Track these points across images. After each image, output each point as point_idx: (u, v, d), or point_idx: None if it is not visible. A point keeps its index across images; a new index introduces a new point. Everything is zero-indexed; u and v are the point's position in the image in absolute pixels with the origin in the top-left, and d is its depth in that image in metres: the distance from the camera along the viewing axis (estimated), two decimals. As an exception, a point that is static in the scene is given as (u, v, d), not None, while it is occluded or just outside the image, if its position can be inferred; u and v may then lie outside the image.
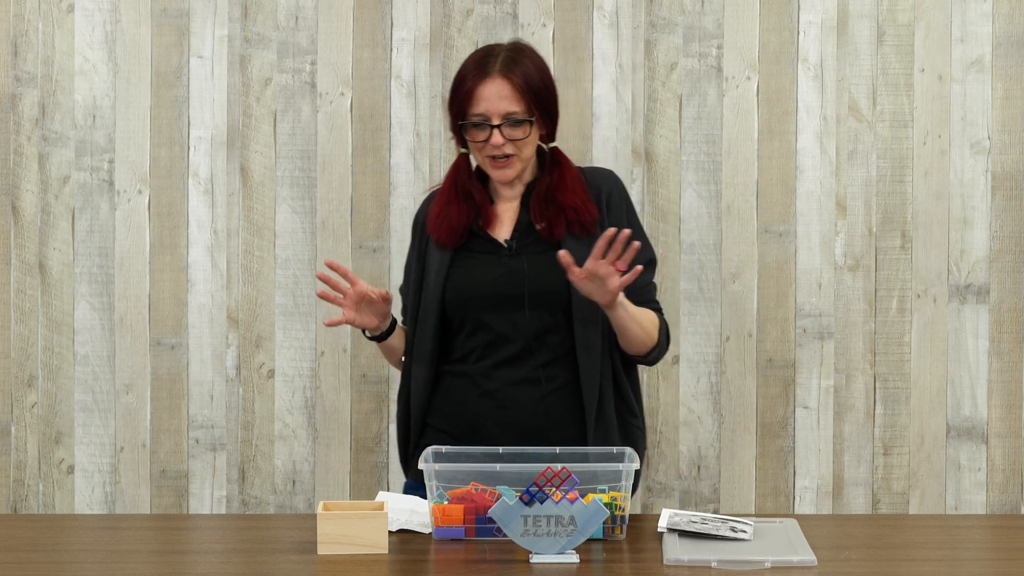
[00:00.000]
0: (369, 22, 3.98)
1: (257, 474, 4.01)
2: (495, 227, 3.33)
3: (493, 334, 3.27)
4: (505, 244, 3.30)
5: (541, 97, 3.29)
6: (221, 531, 3.11)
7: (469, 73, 3.28)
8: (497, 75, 3.25)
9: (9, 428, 4.02)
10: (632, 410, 3.33)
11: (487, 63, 3.27)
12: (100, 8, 3.98)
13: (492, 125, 3.24)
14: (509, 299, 3.26)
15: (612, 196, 3.33)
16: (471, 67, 3.28)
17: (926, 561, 2.78)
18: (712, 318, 3.97)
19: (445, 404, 3.31)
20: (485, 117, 3.25)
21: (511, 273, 3.27)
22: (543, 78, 3.31)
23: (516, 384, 3.26)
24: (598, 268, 3.11)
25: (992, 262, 3.96)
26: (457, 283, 3.29)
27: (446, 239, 3.31)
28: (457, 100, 3.28)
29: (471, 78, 3.27)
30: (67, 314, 4.00)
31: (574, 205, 3.28)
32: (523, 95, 3.25)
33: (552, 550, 2.69)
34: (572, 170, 3.34)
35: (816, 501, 3.98)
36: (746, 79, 3.96)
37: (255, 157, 3.99)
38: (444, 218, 3.32)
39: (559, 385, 3.26)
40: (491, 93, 3.24)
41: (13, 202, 4.00)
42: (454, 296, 3.29)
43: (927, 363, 3.97)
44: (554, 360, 3.27)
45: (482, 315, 3.28)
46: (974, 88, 3.94)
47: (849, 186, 3.96)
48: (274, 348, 3.99)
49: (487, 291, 3.27)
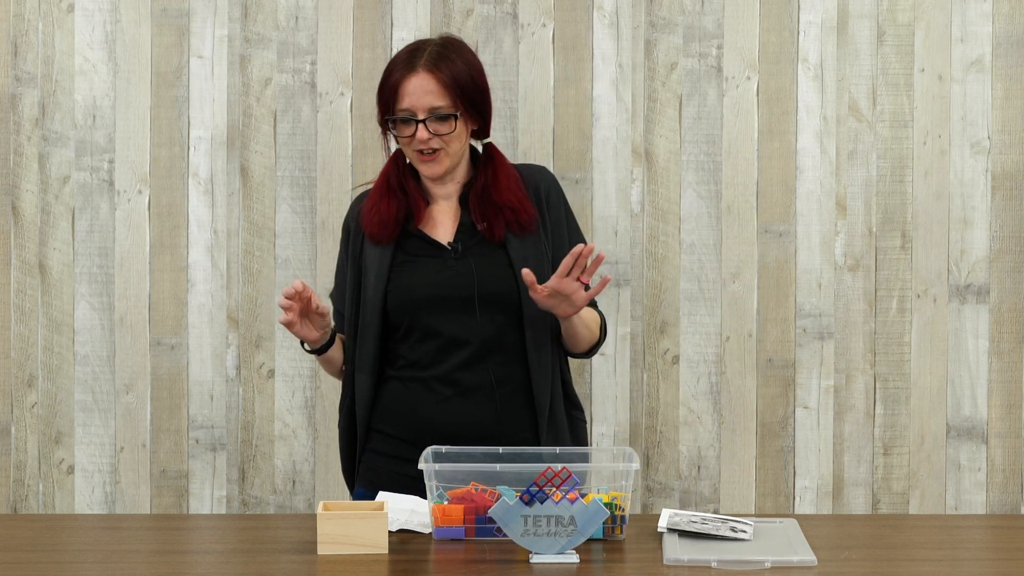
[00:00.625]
0: (369, 22, 3.98)
1: (257, 474, 4.01)
2: (434, 229, 3.30)
3: (443, 338, 3.24)
4: (449, 246, 3.26)
5: (468, 91, 3.25)
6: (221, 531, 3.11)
7: (395, 68, 3.25)
8: (422, 70, 3.22)
9: (9, 428, 4.02)
10: (576, 404, 3.35)
11: (413, 58, 3.24)
12: (100, 8, 3.98)
13: (417, 120, 3.21)
14: (458, 302, 3.23)
15: (550, 194, 3.31)
16: (398, 63, 3.26)
17: (926, 561, 2.78)
18: (712, 318, 3.97)
19: (394, 409, 3.27)
20: (411, 112, 3.22)
21: (459, 276, 3.23)
22: (471, 73, 3.27)
23: (469, 387, 3.23)
24: (564, 286, 3.10)
25: (992, 262, 3.96)
26: (401, 287, 3.25)
27: (378, 232, 3.26)
28: (384, 96, 3.25)
29: (396, 73, 3.24)
30: (67, 314, 4.00)
31: (511, 204, 3.25)
32: (448, 89, 3.22)
33: (552, 550, 2.69)
34: (506, 167, 3.31)
35: (816, 501, 3.98)
36: (746, 79, 3.96)
37: (255, 157, 3.99)
38: (375, 212, 3.28)
39: (511, 386, 3.25)
40: (416, 88, 3.21)
41: (13, 202, 4.00)
42: (398, 301, 3.25)
43: (927, 363, 3.97)
44: (506, 361, 3.25)
45: (430, 319, 3.24)
46: (974, 88, 3.94)
47: (849, 186, 3.96)
48: (274, 348, 3.99)
49: (434, 295, 3.23)
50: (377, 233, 3.27)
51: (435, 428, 3.20)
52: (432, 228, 3.29)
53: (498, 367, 3.24)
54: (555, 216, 3.30)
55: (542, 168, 3.38)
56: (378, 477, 3.25)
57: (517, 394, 3.25)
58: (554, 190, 3.33)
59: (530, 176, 3.33)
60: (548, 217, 3.29)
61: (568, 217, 3.34)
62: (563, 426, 3.27)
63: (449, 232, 3.28)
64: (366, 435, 3.30)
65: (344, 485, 4.03)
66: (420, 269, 3.25)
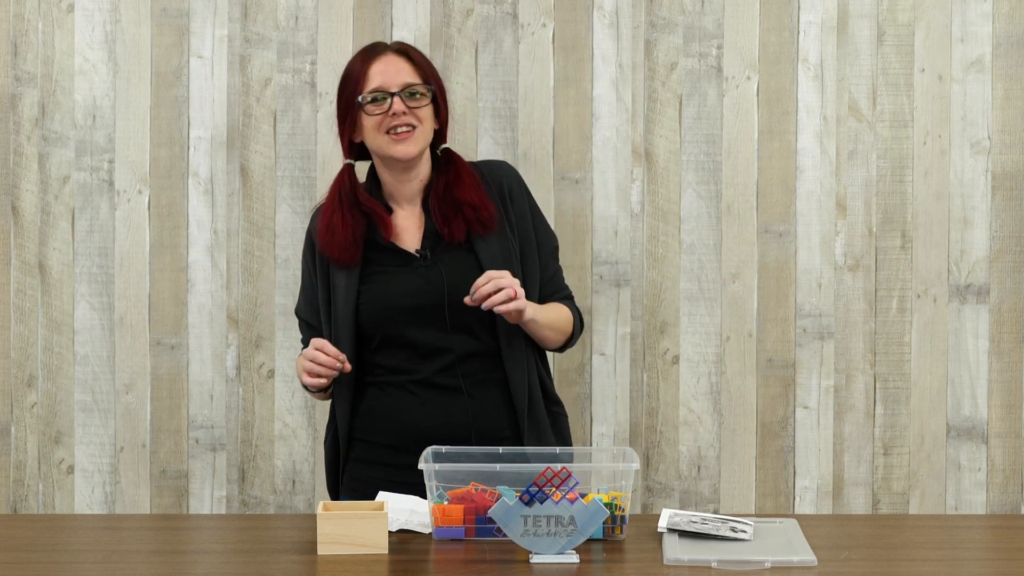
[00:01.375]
0: (369, 22, 3.98)
1: (257, 474, 4.01)
2: (401, 237, 3.27)
3: (418, 346, 3.22)
4: (418, 254, 3.24)
5: (435, 77, 3.28)
6: (221, 531, 3.11)
7: (358, 59, 3.26)
8: (390, 52, 3.25)
9: (9, 428, 4.02)
10: (555, 400, 3.35)
11: (374, 49, 3.27)
12: (100, 8, 3.98)
13: (391, 93, 3.20)
14: (431, 310, 3.21)
15: (512, 189, 3.31)
16: (359, 56, 3.27)
17: (926, 561, 2.78)
18: (712, 318, 3.97)
19: (375, 415, 3.27)
20: (383, 88, 3.21)
21: (429, 284, 3.21)
22: (431, 64, 3.31)
23: (447, 390, 3.22)
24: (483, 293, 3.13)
25: (992, 262, 3.96)
26: (373, 299, 3.23)
27: (339, 255, 3.24)
28: (349, 87, 3.24)
29: (361, 61, 3.25)
30: (67, 314, 4.00)
31: (471, 202, 3.24)
32: (419, 68, 3.24)
33: (552, 550, 2.69)
34: (466, 167, 3.30)
35: (816, 501, 3.98)
36: (746, 79, 3.96)
37: (255, 157, 3.99)
38: (331, 233, 3.25)
39: (489, 387, 3.24)
40: (387, 67, 3.22)
41: (13, 202, 4.00)
42: (371, 314, 3.23)
43: (927, 363, 3.97)
44: (483, 363, 3.24)
45: (404, 329, 3.22)
46: (974, 88, 3.94)
47: (849, 186, 3.96)
48: (274, 348, 3.99)
49: (406, 304, 3.22)
50: (340, 256, 3.24)
51: (417, 432, 3.19)
52: (398, 237, 3.27)
53: (475, 370, 3.23)
54: (519, 211, 3.30)
55: (502, 163, 3.38)
56: (363, 485, 3.25)
57: (496, 394, 3.25)
58: (516, 184, 3.32)
59: (491, 172, 3.32)
60: (512, 212, 3.29)
61: (533, 210, 3.33)
62: (544, 423, 3.28)
63: (416, 239, 3.26)
64: (348, 445, 3.30)
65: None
66: (390, 280, 3.24)
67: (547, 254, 3.37)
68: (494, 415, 3.24)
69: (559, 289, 3.38)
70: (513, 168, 3.38)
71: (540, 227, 3.36)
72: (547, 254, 3.37)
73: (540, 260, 3.34)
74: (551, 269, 3.36)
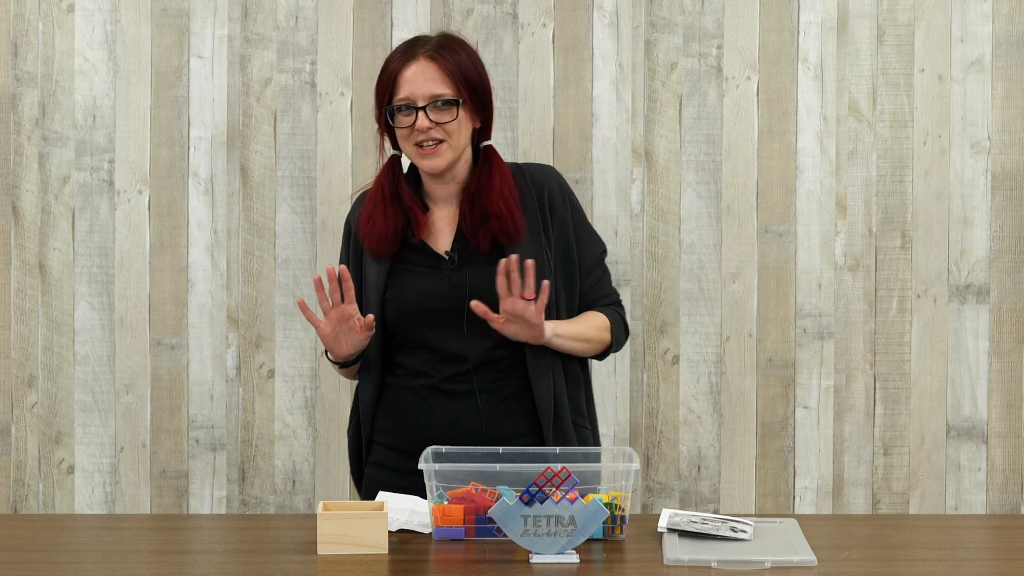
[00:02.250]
0: (369, 22, 3.98)
1: (257, 474, 4.01)
2: (433, 237, 3.18)
3: (438, 351, 3.15)
4: (446, 256, 3.16)
5: (471, 80, 3.13)
6: (221, 531, 3.11)
7: (393, 59, 3.13)
8: (422, 57, 3.10)
9: (9, 428, 4.02)
10: (581, 412, 3.24)
11: (413, 47, 3.13)
12: (100, 8, 3.98)
13: (417, 108, 3.09)
14: (452, 315, 3.13)
15: (553, 197, 3.19)
16: (397, 53, 3.14)
17: (926, 561, 2.78)
18: (712, 318, 3.97)
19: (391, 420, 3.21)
20: (410, 100, 3.09)
21: (454, 287, 3.13)
22: (475, 66, 3.15)
23: (463, 398, 3.15)
24: (512, 307, 3.02)
25: (992, 262, 3.96)
26: (397, 299, 3.16)
27: (376, 247, 3.16)
28: (381, 87, 3.13)
29: (394, 62, 3.12)
30: (67, 314, 4.00)
31: (498, 213, 3.12)
32: (450, 76, 3.10)
33: (552, 550, 2.69)
34: (503, 172, 3.17)
35: (816, 501, 3.98)
36: (746, 79, 3.96)
37: (255, 157, 3.99)
38: (372, 224, 3.17)
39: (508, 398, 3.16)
40: (415, 75, 3.09)
41: (13, 202, 4.00)
42: (395, 313, 3.16)
43: (927, 363, 3.97)
44: (502, 374, 3.16)
45: (424, 331, 3.15)
46: (974, 88, 3.94)
47: (849, 186, 3.97)
48: (274, 348, 3.99)
49: (428, 307, 3.14)
50: (376, 248, 3.17)
51: (428, 438, 3.13)
52: (430, 236, 3.19)
53: (494, 378, 3.16)
54: (559, 219, 3.19)
55: (548, 168, 3.26)
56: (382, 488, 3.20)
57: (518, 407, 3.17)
58: (559, 192, 3.20)
59: (533, 177, 3.21)
60: (552, 221, 3.18)
61: (576, 219, 3.22)
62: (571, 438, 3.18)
63: (447, 240, 3.18)
64: (368, 446, 3.26)
65: (344, 485, 4.03)
66: (416, 280, 3.16)
67: (590, 263, 3.24)
68: (510, 426, 3.17)
69: (604, 295, 3.26)
70: (558, 174, 3.24)
71: (583, 235, 3.23)
72: (590, 263, 3.24)
73: (582, 269, 3.22)
74: (595, 276, 3.24)
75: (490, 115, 3.20)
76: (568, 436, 3.18)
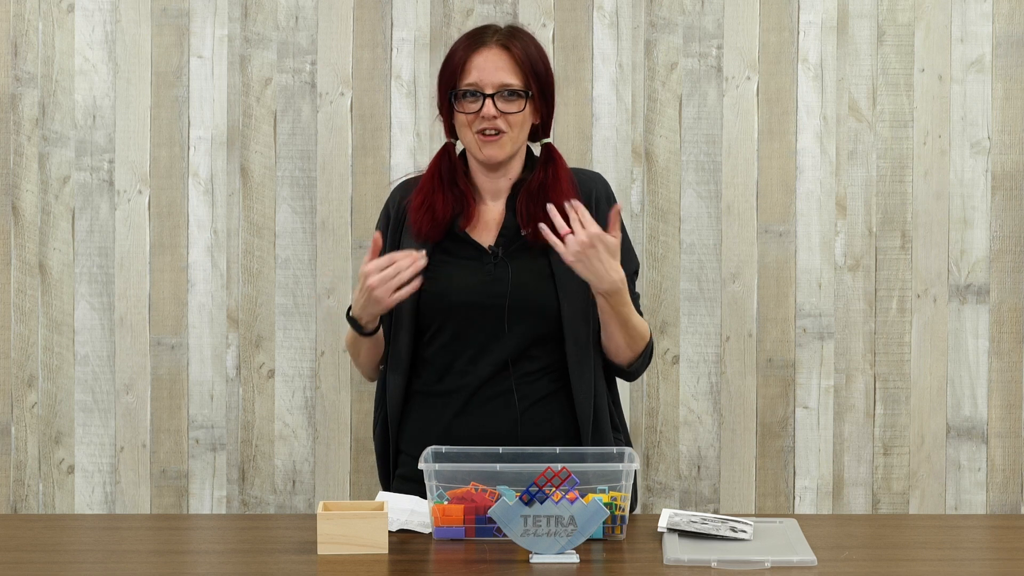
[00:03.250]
0: (369, 22, 3.98)
1: (257, 474, 4.01)
2: (477, 230, 3.12)
3: (471, 346, 3.09)
4: (490, 250, 3.10)
5: (540, 75, 3.08)
6: (221, 531, 3.11)
7: (462, 44, 3.08)
8: (494, 44, 3.06)
9: (9, 428, 4.02)
10: (617, 425, 3.19)
11: (483, 34, 3.08)
12: (100, 8, 3.98)
13: (485, 95, 3.04)
14: (491, 310, 3.06)
15: (600, 203, 3.13)
16: (465, 39, 3.09)
17: (926, 561, 2.78)
18: (712, 318, 3.97)
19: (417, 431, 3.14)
20: (478, 87, 3.04)
21: (496, 282, 3.07)
22: (543, 58, 3.10)
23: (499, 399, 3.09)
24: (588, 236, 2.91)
25: (992, 262, 3.96)
26: (436, 290, 3.07)
27: (428, 231, 3.08)
28: (448, 71, 3.07)
29: (464, 48, 3.07)
30: (67, 314, 4.00)
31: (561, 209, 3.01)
32: (520, 66, 3.05)
33: (552, 550, 2.69)
34: (567, 170, 3.14)
35: (816, 501, 3.98)
36: (746, 79, 3.96)
37: (255, 157, 3.99)
38: (428, 209, 3.10)
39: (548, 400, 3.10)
40: (486, 62, 3.04)
41: (13, 202, 4.00)
42: (431, 302, 3.08)
43: (927, 363, 3.97)
44: (541, 375, 3.10)
45: (460, 325, 3.08)
46: (974, 88, 3.94)
47: (849, 186, 3.97)
48: (274, 348, 3.99)
49: (467, 300, 3.07)
50: (428, 231, 3.08)
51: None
52: (475, 229, 3.13)
53: (529, 380, 3.10)
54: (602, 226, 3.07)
55: (596, 175, 3.21)
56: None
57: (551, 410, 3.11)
58: (605, 200, 3.14)
59: (582, 182, 3.15)
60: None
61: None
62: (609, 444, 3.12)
63: (492, 234, 3.12)
64: (396, 455, 3.20)
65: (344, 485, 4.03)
66: (457, 271, 3.09)
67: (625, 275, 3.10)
68: (547, 430, 3.10)
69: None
70: (606, 182, 3.21)
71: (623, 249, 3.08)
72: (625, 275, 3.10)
73: None
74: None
75: (551, 112, 3.15)
76: (606, 443, 3.12)
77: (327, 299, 3.95)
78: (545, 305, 3.08)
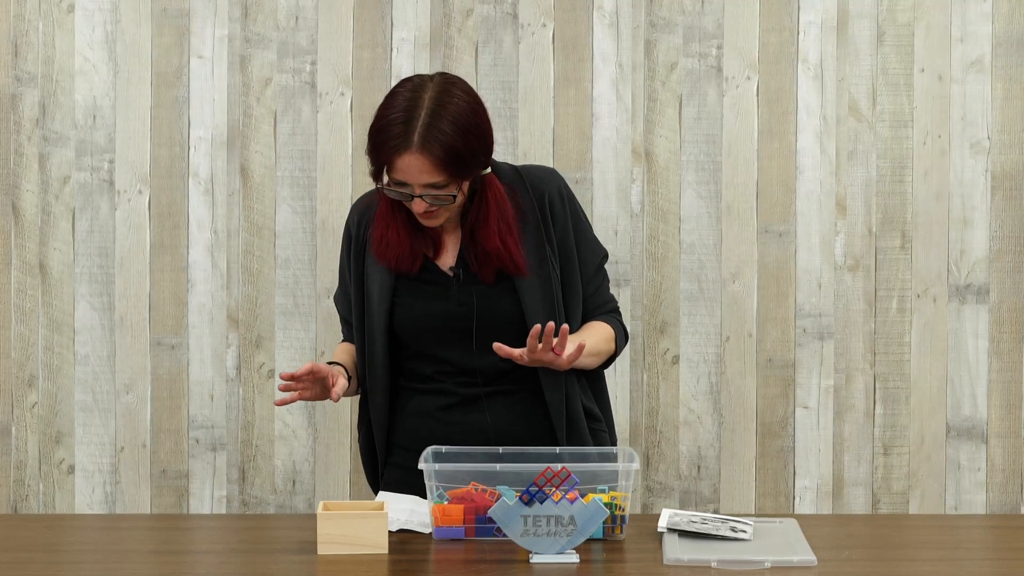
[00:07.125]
0: (369, 22, 3.98)
1: (257, 474, 4.01)
2: (440, 254, 3.18)
3: (447, 363, 3.17)
4: (451, 272, 3.15)
5: (464, 160, 3.02)
6: (221, 531, 3.11)
7: (390, 134, 3.03)
8: (415, 149, 2.99)
9: (9, 428, 4.02)
10: (595, 416, 3.24)
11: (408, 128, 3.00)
12: (100, 8, 3.98)
13: (414, 195, 3.04)
14: (460, 333, 3.14)
15: (554, 203, 3.15)
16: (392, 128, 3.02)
17: (926, 561, 2.79)
18: (712, 318, 3.97)
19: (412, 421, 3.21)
20: (406, 183, 3.03)
21: (460, 306, 3.13)
22: (466, 137, 3.02)
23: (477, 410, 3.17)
24: (540, 357, 3.00)
25: (992, 262, 3.96)
26: (404, 315, 3.15)
27: (396, 265, 3.14)
28: (376, 159, 3.06)
29: (390, 144, 3.02)
30: (67, 314, 4.00)
31: (497, 252, 3.09)
32: (442, 165, 3.00)
33: (552, 550, 2.69)
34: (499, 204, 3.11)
35: (816, 501, 3.98)
36: (746, 79, 3.96)
37: (255, 157, 3.99)
38: (385, 245, 3.15)
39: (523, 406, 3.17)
40: (408, 166, 3.01)
41: (13, 202, 4.00)
42: (402, 327, 3.16)
43: (927, 363, 3.97)
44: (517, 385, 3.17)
45: (433, 348, 3.16)
46: (974, 88, 3.94)
47: (849, 186, 3.97)
48: (274, 348, 3.99)
49: (436, 325, 3.14)
50: (396, 266, 3.14)
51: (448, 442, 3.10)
52: (439, 254, 3.18)
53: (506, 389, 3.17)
54: (560, 227, 3.16)
55: (549, 172, 3.22)
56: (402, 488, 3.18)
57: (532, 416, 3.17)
58: (559, 198, 3.16)
59: (534, 184, 3.17)
60: (554, 229, 3.16)
61: (576, 225, 3.19)
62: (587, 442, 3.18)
63: (452, 256, 3.17)
64: (388, 449, 3.24)
65: (344, 485, 4.03)
66: (422, 296, 3.15)
67: (591, 270, 3.22)
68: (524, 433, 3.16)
69: (603, 303, 3.24)
70: (559, 178, 3.20)
71: (583, 242, 3.20)
72: (591, 270, 3.22)
73: (583, 277, 3.20)
74: (595, 284, 3.22)
75: (488, 158, 3.12)
76: (584, 442, 3.18)
77: (327, 299, 3.95)
78: (511, 321, 3.14)
